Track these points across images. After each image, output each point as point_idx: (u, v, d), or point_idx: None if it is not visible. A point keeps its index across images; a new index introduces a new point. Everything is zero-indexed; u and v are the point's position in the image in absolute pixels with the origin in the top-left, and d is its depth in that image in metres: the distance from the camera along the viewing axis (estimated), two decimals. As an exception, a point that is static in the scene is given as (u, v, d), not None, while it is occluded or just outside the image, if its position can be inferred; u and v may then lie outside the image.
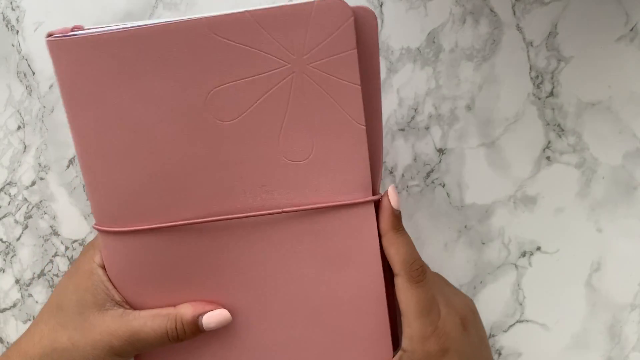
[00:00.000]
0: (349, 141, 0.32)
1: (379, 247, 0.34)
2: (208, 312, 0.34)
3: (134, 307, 0.34)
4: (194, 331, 0.34)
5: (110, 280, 0.34)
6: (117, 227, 0.32)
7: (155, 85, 0.30)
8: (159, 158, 0.32)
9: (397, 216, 0.33)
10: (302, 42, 0.31)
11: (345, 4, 0.30)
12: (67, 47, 0.30)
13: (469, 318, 0.34)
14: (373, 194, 0.34)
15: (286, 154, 0.32)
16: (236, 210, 0.32)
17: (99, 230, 0.33)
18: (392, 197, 0.33)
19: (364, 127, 0.32)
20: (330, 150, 0.32)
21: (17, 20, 0.40)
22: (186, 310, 0.33)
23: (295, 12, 0.30)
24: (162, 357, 0.35)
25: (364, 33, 0.32)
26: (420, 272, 0.33)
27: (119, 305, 0.34)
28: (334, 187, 0.33)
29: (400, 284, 0.33)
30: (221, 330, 0.35)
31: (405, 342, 0.33)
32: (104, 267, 0.34)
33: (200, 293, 0.34)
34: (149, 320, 0.33)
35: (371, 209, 0.33)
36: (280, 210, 0.32)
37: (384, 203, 0.33)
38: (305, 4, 0.30)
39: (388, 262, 0.34)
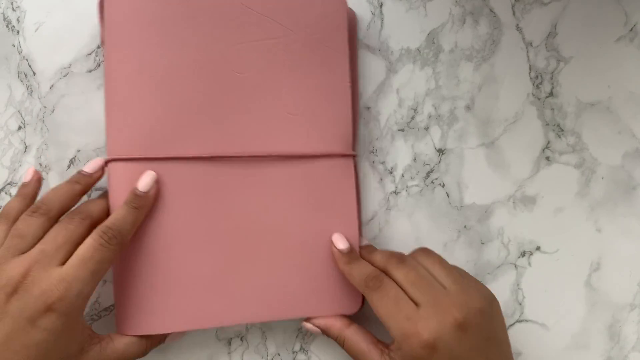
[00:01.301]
0: (337, 101, 0.39)
1: (355, 200, 0.39)
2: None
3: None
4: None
5: (81, 312, 0.33)
6: (133, 155, 0.36)
7: (187, 37, 0.37)
8: (179, 98, 0.37)
9: (345, 254, 0.38)
10: (306, 18, 0.39)
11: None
12: (121, 1, 0.36)
13: (469, 320, 0.34)
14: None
15: (285, 107, 0.38)
16: (237, 152, 0.37)
17: (114, 160, 0.36)
18: (336, 241, 0.38)
19: (350, 87, 0.39)
20: (321, 107, 0.39)
21: (18, 20, 0.40)
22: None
23: None
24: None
25: (349, 24, 0.40)
26: (375, 282, 0.36)
27: (90, 331, 0.34)
28: (321, 139, 0.39)
29: (367, 298, 0.36)
30: (203, 275, 0.37)
31: (395, 342, 0.35)
32: (79, 309, 0.33)
33: (192, 227, 0.37)
34: (128, 344, 0.36)
35: (350, 162, 0.39)
36: (275, 153, 0.38)
37: (332, 250, 0.38)
38: None
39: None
